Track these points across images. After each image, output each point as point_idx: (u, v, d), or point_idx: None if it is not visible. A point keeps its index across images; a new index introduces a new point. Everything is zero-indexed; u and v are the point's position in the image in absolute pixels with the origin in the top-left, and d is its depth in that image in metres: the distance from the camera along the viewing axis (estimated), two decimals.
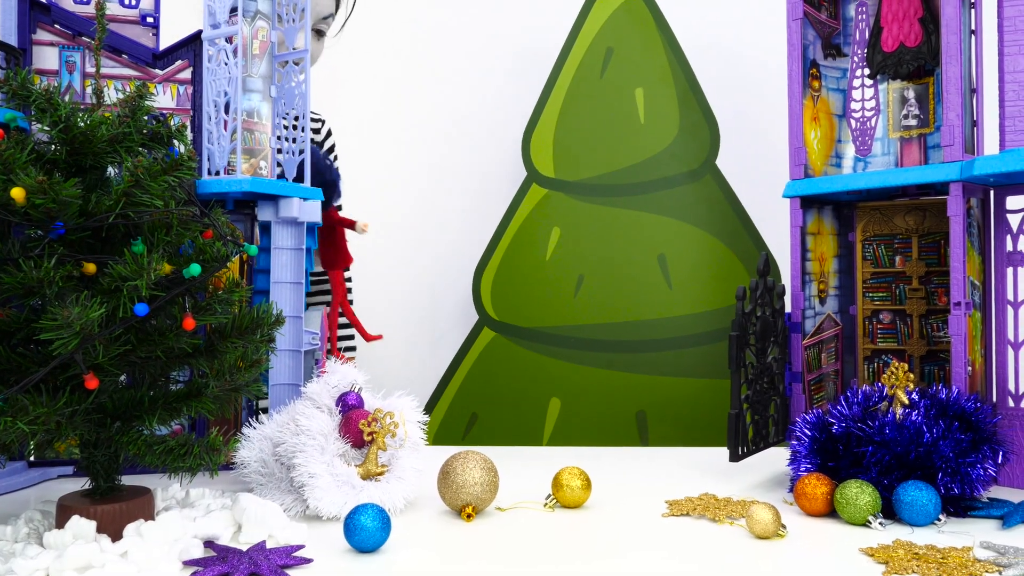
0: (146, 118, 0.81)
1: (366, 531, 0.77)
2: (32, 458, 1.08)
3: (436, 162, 2.04)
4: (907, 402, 0.93)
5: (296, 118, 1.10)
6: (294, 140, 1.11)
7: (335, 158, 1.78)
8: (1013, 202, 1.03)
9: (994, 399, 1.04)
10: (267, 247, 1.08)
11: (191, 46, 1.12)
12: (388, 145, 1.94)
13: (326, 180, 1.29)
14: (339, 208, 1.40)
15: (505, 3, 1.94)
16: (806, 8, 1.11)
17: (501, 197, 1.85)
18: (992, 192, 1.05)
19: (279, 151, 1.11)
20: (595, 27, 1.69)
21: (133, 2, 1.13)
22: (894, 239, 1.16)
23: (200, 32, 1.09)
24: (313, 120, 1.74)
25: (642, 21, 1.67)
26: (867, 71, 1.15)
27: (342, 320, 1.55)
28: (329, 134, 1.79)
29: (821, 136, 1.15)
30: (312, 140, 1.68)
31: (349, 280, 1.67)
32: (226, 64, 1.06)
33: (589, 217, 1.65)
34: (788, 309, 1.12)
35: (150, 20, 1.14)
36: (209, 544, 0.79)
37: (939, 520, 0.85)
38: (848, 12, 1.17)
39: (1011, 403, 1.02)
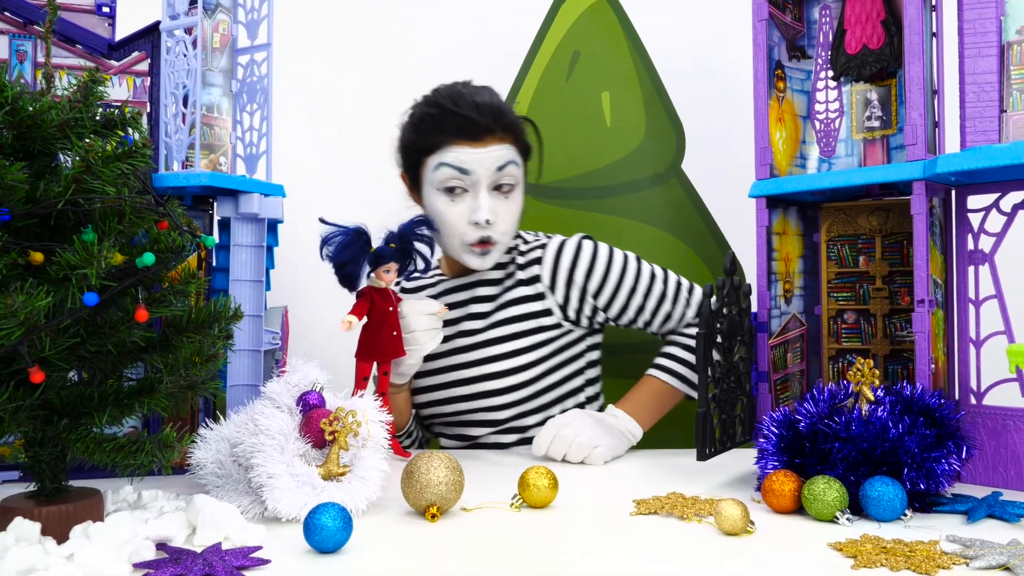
0: (99, 105, 0.78)
1: (326, 531, 0.75)
2: None
3: None
4: (872, 398, 0.93)
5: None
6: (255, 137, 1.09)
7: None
8: (974, 201, 1.05)
9: (956, 396, 1.05)
10: (227, 244, 1.05)
11: (149, 37, 1.09)
12: (353, 149, 1.91)
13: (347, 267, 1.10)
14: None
15: (470, 6, 1.93)
16: (771, 10, 1.12)
17: None
18: (954, 192, 1.06)
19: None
20: (561, 30, 1.69)
21: None
22: (858, 239, 1.16)
23: (158, 23, 1.06)
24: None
25: (608, 24, 1.67)
26: (831, 73, 1.16)
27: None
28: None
29: (786, 137, 1.15)
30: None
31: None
32: (185, 56, 1.03)
33: (555, 220, 1.63)
34: (754, 309, 1.12)
35: (106, 10, 1.11)
36: (162, 546, 0.75)
37: (905, 515, 0.85)
38: (812, 14, 1.18)
39: (973, 400, 1.03)
